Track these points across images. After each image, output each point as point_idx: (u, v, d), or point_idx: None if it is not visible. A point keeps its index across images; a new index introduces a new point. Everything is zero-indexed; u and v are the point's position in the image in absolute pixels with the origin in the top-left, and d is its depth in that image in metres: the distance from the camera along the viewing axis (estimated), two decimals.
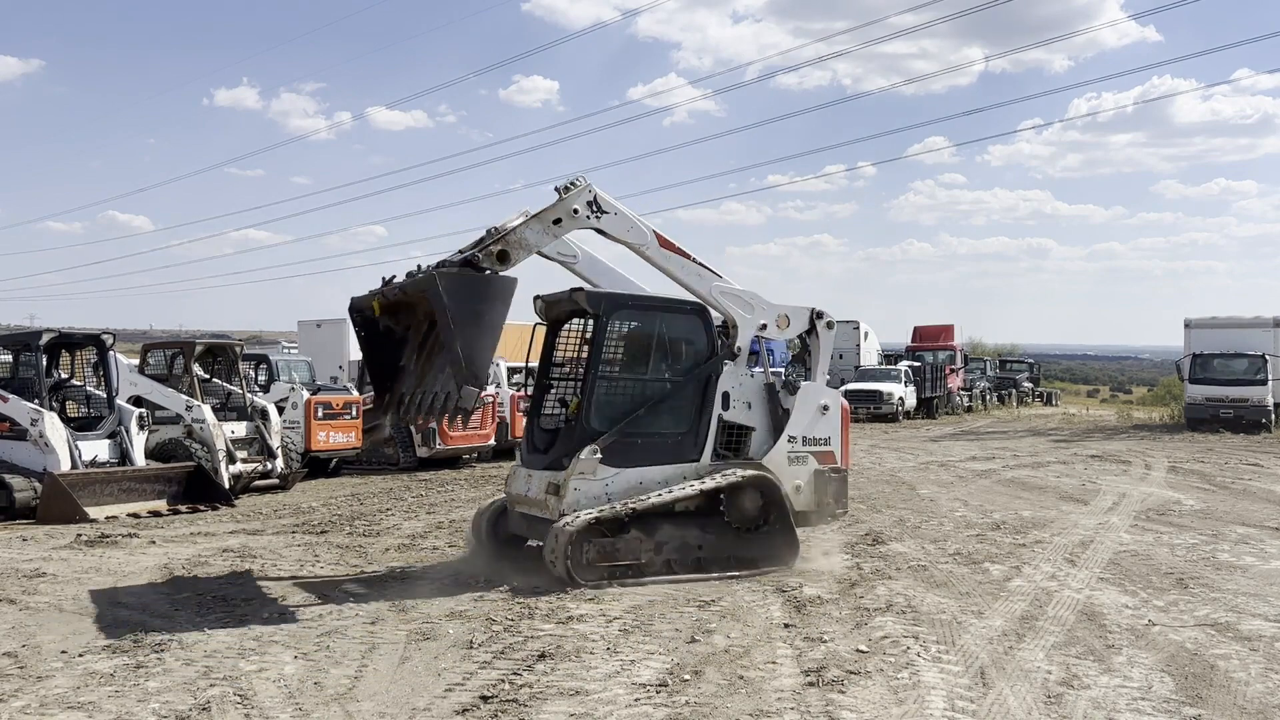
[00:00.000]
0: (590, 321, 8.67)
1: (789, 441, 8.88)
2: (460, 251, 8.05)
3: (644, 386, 8.63)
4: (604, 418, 8.40)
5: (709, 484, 8.35)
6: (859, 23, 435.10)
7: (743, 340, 8.86)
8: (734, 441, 8.82)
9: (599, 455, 8.18)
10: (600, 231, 8.57)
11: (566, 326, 9.12)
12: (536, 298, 9.07)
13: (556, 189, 8.32)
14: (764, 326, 8.97)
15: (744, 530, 8.50)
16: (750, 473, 8.54)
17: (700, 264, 8.77)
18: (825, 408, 9.06)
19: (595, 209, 8.42)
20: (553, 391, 9.10)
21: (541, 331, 9.18)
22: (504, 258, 7.96)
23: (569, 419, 8.69)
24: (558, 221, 8.32)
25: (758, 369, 9.04)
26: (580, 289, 8.56)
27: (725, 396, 8.74)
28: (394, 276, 8.30)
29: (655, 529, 8.18)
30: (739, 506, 8.46)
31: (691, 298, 8.81)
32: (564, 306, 8.88)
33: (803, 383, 9.14)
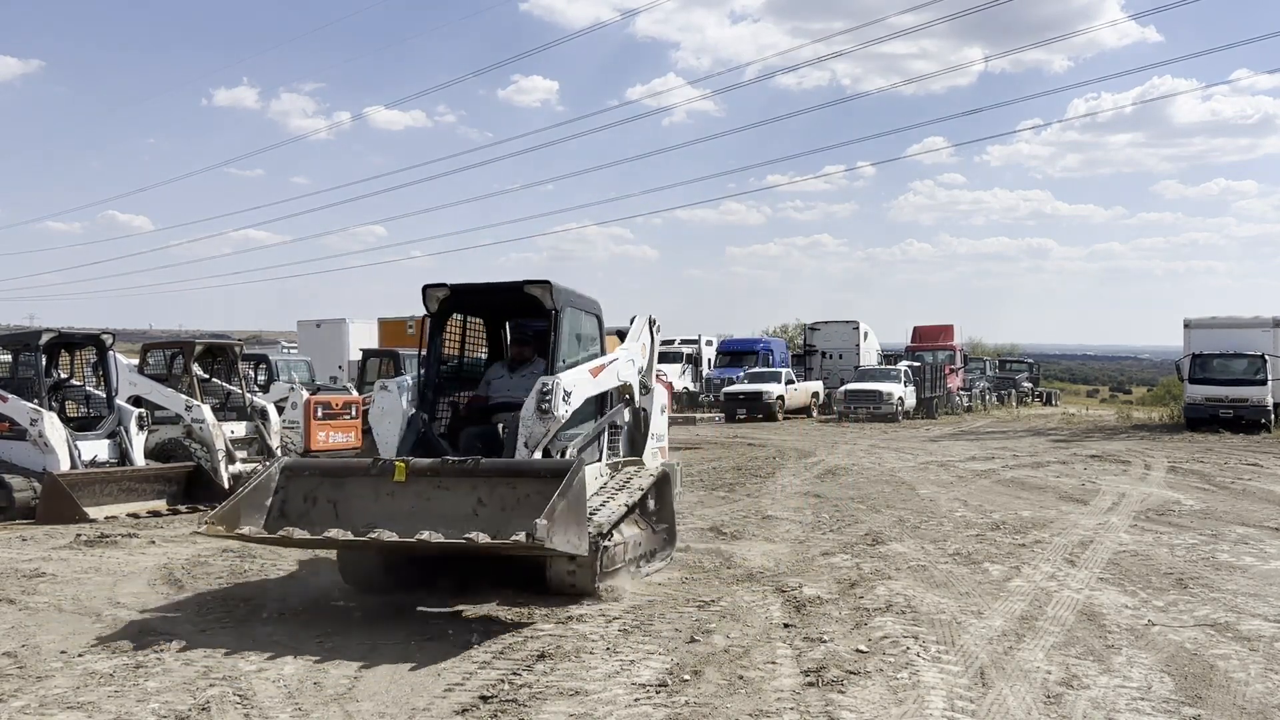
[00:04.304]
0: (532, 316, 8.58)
1: (654, 439, 9.41)
2: None
3: None
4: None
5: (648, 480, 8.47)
6: (858, 23, 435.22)
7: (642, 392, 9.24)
8: (613, 440, 8.87)
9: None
10: None
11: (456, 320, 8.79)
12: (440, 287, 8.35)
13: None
14: (642, 370, 9.26)
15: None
16: (663, 469, 8.89)
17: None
18: (663, 407, 9.91)
19: None
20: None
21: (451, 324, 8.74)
22: None
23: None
24: None
25: None
26: (532, 281, 8.13)
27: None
28: None
29: None
30: (653, 501, 8.65)
31: (592, 296, 8.81)
32: (485, 299, 8.67)
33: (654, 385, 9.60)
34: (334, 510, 7.27)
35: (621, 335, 9.45)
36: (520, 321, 9.08)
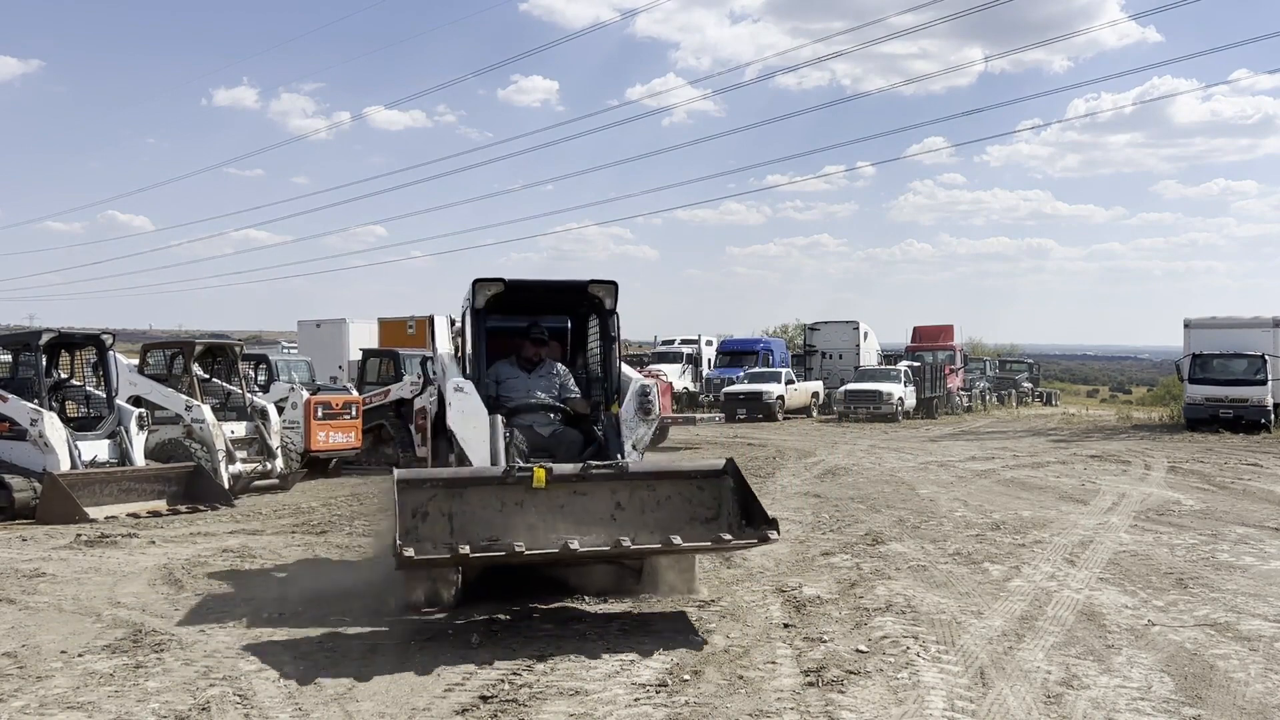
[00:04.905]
0: (595, 314, 8.44)
1: None
2: None
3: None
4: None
5: None
6: (858, 23, 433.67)
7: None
8: None
9: None
10: None
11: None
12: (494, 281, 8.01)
13: None
14: None
15: None
16: None
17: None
18: None
19: None
20: None
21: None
22: None
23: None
24: None
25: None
26: (598, 280, 7.98)
27: None
28: None
29: None
30: None
31: None
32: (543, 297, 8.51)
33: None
34: (449, 524, 6.67)
35: None
36: (536, 321, 8.63)
